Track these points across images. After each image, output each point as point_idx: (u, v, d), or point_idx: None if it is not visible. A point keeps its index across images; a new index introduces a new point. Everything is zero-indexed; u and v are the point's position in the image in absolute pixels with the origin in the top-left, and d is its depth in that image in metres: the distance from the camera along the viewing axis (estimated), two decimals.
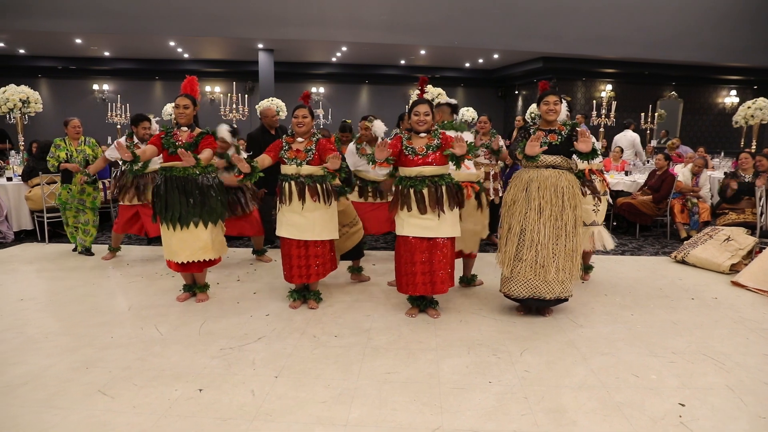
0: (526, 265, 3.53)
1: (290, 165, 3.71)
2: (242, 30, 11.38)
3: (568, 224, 3.51)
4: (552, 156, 3.54)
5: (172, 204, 3.79)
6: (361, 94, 17.24)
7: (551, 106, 3.54)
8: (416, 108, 3.59)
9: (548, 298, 3.61)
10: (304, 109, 3.78)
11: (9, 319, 3.66)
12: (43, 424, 2.38)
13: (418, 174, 3.53)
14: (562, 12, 11.66)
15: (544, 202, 3.48)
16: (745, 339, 3.43)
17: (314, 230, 3.74)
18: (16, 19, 10.46)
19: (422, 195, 3.50)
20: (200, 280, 4.15)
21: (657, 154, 7.40)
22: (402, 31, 11.72)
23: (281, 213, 3.78)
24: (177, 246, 3.85)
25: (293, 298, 3.96)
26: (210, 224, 3.89)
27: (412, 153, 3.54)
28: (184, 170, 3.79)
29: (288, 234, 3.76)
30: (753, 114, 8.60)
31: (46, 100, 10.16)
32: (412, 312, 3.78)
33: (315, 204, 3.70)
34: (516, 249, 3.57)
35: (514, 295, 3.67)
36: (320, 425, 2.41)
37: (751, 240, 5.13)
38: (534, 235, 3.50)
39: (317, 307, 3.92)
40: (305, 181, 3.69)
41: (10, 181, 6.37)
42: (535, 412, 2.53)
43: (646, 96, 14.86)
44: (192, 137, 3.83)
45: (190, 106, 3.85)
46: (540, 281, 3.55)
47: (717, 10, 12.16)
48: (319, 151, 3.70)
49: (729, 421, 2.47)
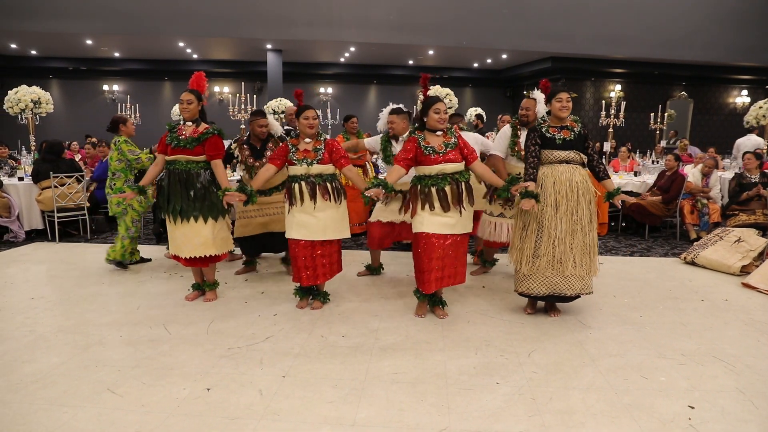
0: (544, 261, 3.51)
1: (300, 165, 3.65)
2: (251, 30, 11.43)
3: (584, 219, 3.49)
4: (566, 151, 3.53)
5: (174, 197, 3.80)
6: (369, 95, 17.26)
7: (564, 102, 3.51)
8: (436, 105, 3.50)
9: (569, 294, 3.60)
10: (312, 110, 3.72)
11: (20, 318, 3.69)
12: (53, 422, 2.41)
13: (440, 172, 3.47)
14: (571, 12, 11.62)
15: (560, 198, 3.46)
16: (755, 341, 3.39)
17: (326, 231, 3.71)
18: (28, 20, 10.58)
19: (445, 193, 3.47)
20: (209, 277, 4.12)
21: (667, 155, 7.35)
22: (410, 32, 11.73)
23: (291, 215, 3.73)
24: (181, 241, 3.86)
25: (300, 296, 3.94)
26: (211, 219, 3.86)
27: (432, 152, 3.46)
28: (186, 164, 3.78)
29: (299, 235, 3.70)
30: (765, 114, 8.52)
31: (57, 101, 10.26)
32: (421, 312, 3.75)
33: (326, 203, 3.68)
34: (534, 246, 3.54)
35: (533, 292, 3.63)
36: (328, 425, 2.42)
37: (762, 241, 5.08)
38: (551, 230, 3.48)
39: (321, 307, 3.90)
40: (316, 181, 3.66)
41: (22, 181, 6.44)
42: (543, 414, 2.52)
43: (655, 96, 14.77)
44: (197, 133, 3.79)
45: (193, 101, 3.82)
46: (558, 277, 3.54)
47: (727, 9, 12.06)
48: (327, 150, 3.69)
49: (739, 424, 2.45)
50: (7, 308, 3.88)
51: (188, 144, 3.76)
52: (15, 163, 7.62)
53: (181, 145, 3.77)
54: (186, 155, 3.78)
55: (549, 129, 3.57)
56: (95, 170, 7.13)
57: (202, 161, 3.82)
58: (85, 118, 15.38)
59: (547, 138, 3.53)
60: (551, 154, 3.53)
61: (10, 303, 4.00)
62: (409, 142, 3.54)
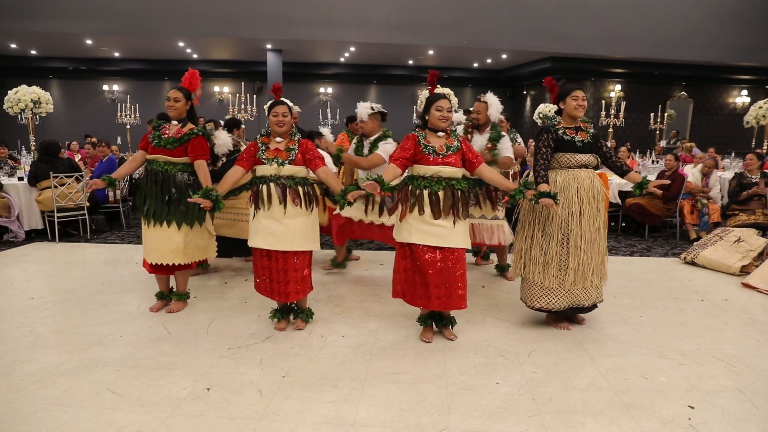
0: (572, 273, 3.29)
1: (269, 165, 3.27)
2: (251, 30, 11.44)
3: (601, 226, 3.33)
4: (585, 155, 3.32)
5: (149, 198, 3.58)
6: (369, 95, 17.26)
7: (581, 101, 3.28)
8: (439, 102, 3.17)
9: (587, 305, 3.45)
10: (283, 106, 3.35)
11: (20, 318, 3.69)
12: (53, 422, 2.40)
13: (435, 174, 3.14)
14: (571, 12, 11.63)
15: (584, 206, 3.26)
16: (755, 341, 3.39)
17: (294, 240, 3.30)
18: (28, 20, 10.58)
19: (438, 197, 3.13)
20: (180, 286, 3.86)
21: (666, 155, 7.35)
22: (410, 32, 11.74)
23: (256, 220, 3.32)
24: (151, 245, 3.61)
25: (277, 318, 3.53)
26: (185, 226, 3.60)
27: (432, 152, 3.14)
28: (163, 165, 3.56)
29: (265, 244, 3.29)
30: (765, 114, 8.52)
31: (57, 101, 10.25)
32: (427, 337, 3.34)
33: (296, 209, 3.29)
34: (559, 258, 3.30)
35: (554, 307, 3.39)
36: (328, 425, 2.42)
37: (762, 241, 5.08)
38: (578, 240, 3.26)
39: (304, 327, 3.52)
40: (287, 183, 3.28)
41: (21, 181, 6.44)
42: (543, 414, 2.52)
43: (655, 96, 14.78)
44: (180, 133, 3.58)
45: (181, 99, 3.60)
46: (580, 288, 3.36)
47: (727, 9, 12.07)
48: (301, 152, 3.33)
49: (739, 424, 2.44)
50: (7, 308, 3.88)
51: (169, 144, 3.55)
52: (15, 163, 7.62)
53: (161, 145, 3.56)
54: (165, 156, 3.56)
55: (566, 131, 3.32)
56: (95, 170, 7.14)
57: (181, 163, 3.59)
58: (85, 118, 15.40)
59: (566, 141, 3.29)
60: (572, 158, 3.31)
61: (10, 303, 3.99)
62: (407, 139, 3.22)
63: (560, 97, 3.38)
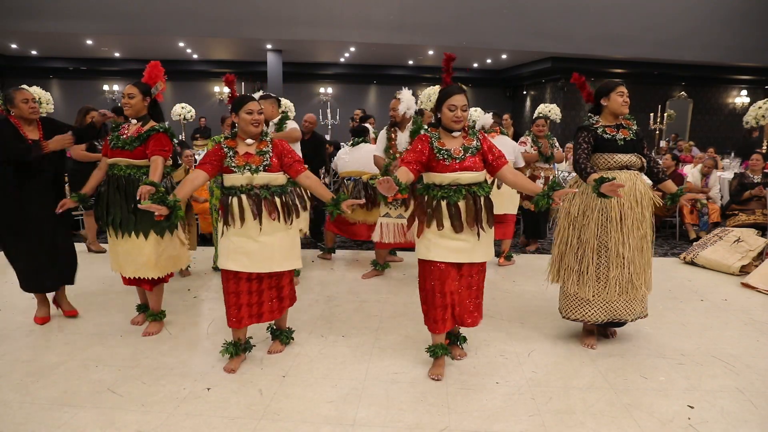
0: (612, 285, 3.03)
1: (241, 174, 2.76)
2: (251, 31, 11.44)
3: (648, 233, 3.07)
4: (627, 155, 3.04)
5: (113, 207, 3.23)
6: (369, 95, 17.27)
7: (626, 97, 3.06)
8: (451, 100, 2.71)
9: (629, 320, 3.19)
10: (256, 102, 2.83)
11: (20, 317, 3.69)
12: (54, 422, 2.41)
13: (453, 181, 2.70)
14: (571, 12, 11.63)
15: (625, 211, 3.00)
16: (755, 341, 3.40)
17: (273, 259, 2.84)
18: (28, 20, 10.59)
19: (458, 209, 2.70)
20: (153, 305, 3.47)
21: (665, 155, 7.35)
22: (410, 32, 11.74)
23: (226, 238, 2.83)
24: (123, 258, 3.29)
25: (230, 353, 2.95)
26: (154, 235, 3.25)
27: (448, 157, 2.69)
28: (125, 169, 3.22)
29: (237, 266, 2.79)
30: (764, 114, 8.51)
31: (58, 101, 10.23)
32: (436, 374, 2.86)
33: (274, 225, 2.81)
34: (596, 267, 3.07)
35: (591, 320, 3.16)
36: (328, 425, 2.42)
37: (762, 241, 5.09)
38: (619, 248, 3.00)
39: (283, 349, 3.16)
40: (261, 194, 2.79)
41: None
42: (543, 413, 2.52)
43: (655, 96, 14.78)
44: (140, 131, 3.23)
45: (135, 95, 3.24)
46: (623, 301, 3.10)
47: (727, 9, 12.07)
48: (276, 155, 2.84)
49: (739, 424, 2.45)
50: (7, 308, 3.88)
51: (128, 144, 3.20)
52: None
53: (120, 146, 3.21)
54: (126, 158, 3.21)
55: (605, 129, 3.07)
56: None
57: (145, 166, 3.23)
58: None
59: (605, 139, 3.04)
60: (611, 159, 3.04)
61: (10, 303, 3.99)
62: (419, 140, 2.75)
63: (601, 94, 3.13)
